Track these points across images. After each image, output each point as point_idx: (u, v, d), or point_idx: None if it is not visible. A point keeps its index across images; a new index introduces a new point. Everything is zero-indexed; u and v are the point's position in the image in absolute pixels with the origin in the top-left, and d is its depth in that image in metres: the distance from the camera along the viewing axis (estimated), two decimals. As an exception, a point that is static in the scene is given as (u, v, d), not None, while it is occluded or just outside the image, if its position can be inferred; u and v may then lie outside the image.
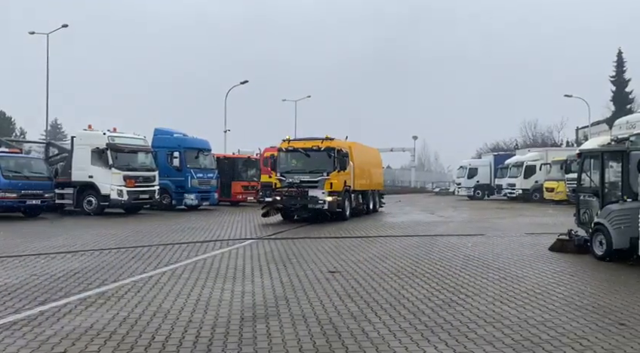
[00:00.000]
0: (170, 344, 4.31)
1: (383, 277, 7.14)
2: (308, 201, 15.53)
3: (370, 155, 21.17)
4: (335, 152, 16.04)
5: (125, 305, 5.59)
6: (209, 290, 6.35)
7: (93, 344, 4.27)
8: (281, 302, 5.77)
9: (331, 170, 15.82)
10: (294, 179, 15.90)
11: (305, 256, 9.24)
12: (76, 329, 4.68)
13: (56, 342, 4.30)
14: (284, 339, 4.47)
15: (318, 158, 16.01)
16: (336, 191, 15.82)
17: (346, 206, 16.57)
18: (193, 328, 4.76)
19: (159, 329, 4.72)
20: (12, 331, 4.60)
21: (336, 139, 16.80)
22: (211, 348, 4.22)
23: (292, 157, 16.75)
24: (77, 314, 5.20)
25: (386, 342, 4.41)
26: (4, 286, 6.43)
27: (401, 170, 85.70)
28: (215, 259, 8.86)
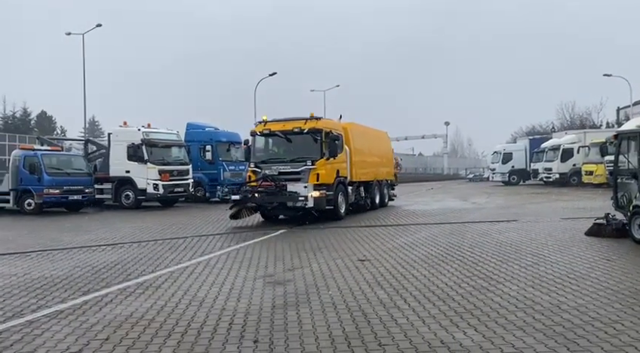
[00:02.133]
0: (205, 331, 4.49)
1: (412, 265, 7.15)
2: (286, 197, 12.35)
3: (374, 139, 17.78)
4: (322, 135, 12.77)
5: (163, 294, 5.82)
6: (242, 279, 6.53)
7: (133, 331, 4.49)
8: (312, 290, 5.88)
9: (318, 157, 12.61)
10: (272, 170, 12.76)
11: (335, 244, 9.34)
12: (117, 317, 4.92)
13: (99, 330, 4.54)
14: (315, 326, 4.57)
15: (301, 143, 12.92)
16: (325, 184, 12.62)
17: (339, 202, 13.34)
18: (227, 315, 4.93)
19: (195, 316, 4.92)
20: (59, 319, 4.88)
21: (325, 119, 13.76)
22: (244, 335, 4.37)
23: (269, 142, 13.61)
24: (117, 303, 5.46)
25: (414, 328, 4.46)
26: (51, 277, 6.79)
27: (433, 157, 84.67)
28: (248, 249, 9.06)
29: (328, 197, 12.61)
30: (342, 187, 13.62)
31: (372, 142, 17.27)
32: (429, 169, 75.17)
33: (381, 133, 19.26)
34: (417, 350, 3.92)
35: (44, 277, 6.77)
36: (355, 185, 14.75)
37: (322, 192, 12.44)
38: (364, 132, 16.82)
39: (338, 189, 13.31)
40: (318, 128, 12.85)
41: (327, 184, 12.71)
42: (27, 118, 54.17)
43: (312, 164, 12.51)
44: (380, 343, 4.09)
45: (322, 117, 13.59)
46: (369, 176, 16.04)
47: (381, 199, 17.05)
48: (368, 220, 13.46)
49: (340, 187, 13.52)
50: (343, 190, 13.66)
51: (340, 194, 13.38)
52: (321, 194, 12.39)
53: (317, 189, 12.39)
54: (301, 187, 12.33)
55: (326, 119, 13.81)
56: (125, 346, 4.11)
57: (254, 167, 13.12)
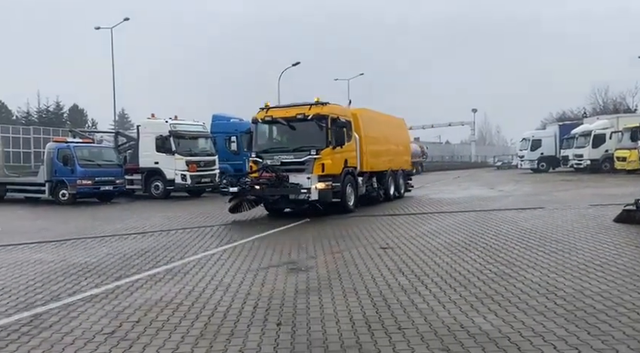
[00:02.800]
0: (230, 314, 4.66)
1: (434, 252, 7.19)
2: (288, 189, 11.52)
3: (389, 126, 16.62)
4: (328, 122, 11.81)
5: (190, 279, 6.04)
6: (266, 266, 6.70)
7: (162, 314, 4.70)
8: (333, 276, 6.00)
9: (323, 146, 11.68)
10: (274, 160, 11.90)
11: (357, 233, 9.43)
12: (147, 301, 5.15)
13: (131, 313, 4.77)
14: (336, 310, 4.68)
15: (305, 131, 12.00)
16: (331, 174, 11.70)
17: (348, 193, 12.42)
18: (251, 300, 5.09)
19: (221, 300, 5.10)
20: (93, 303, 5.14)
21: (332, 105, 12.57)
22: (267, 318, 4.52)
23: (271, 130, 12.77)
24: (148, 288, 5.70)
25: (434, 312, 4.52)
26: (85, 264, 7.11)
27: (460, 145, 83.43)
28: (271, 237, 9.25)
29: (335, 189, 11.69)
30: (350, 178, 12.67)
31: (386, 130, 16.07)
32: (456, 157, 74.14)
33: (397, 120, 18.07)
34: (437, 333, 3.99)
35: (79, 264, 7.09)
36: (366, 176, 13.79)
37: (328, 184, 11.50)
38: (377, 118, 15.79)
39: (346, 180, 12.39)
40: (323, 114, 11.81)
41: (333, 175, 11.78)
42: (60, 111, 55.93)
43: (316, 153, 11.57)
44: (399, 327, 4.17)
45: (329, 102, 12.41)
46: (382, 165, 15.08)
47: (396, 190, 16.07)
48: (390, 209, 13.48)
49: (349, 178, 12.57)
50: (351, 181, 12.72)
51: (348, 186, 12.45)
52: (326, 185, 11.44)
53: (322, 180, 11.41)
54: (304, 178, 11.34)
55: (333, 104, 12.60)
56: (155, 328, 4.31)
57: (255, 157, 12.26)
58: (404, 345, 3.78)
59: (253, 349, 3.78)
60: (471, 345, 3.71)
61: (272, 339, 3.99)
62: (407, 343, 3.81)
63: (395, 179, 15.99)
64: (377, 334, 4.02)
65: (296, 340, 3.95)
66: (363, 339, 3.93)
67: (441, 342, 3.79)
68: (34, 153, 35.64)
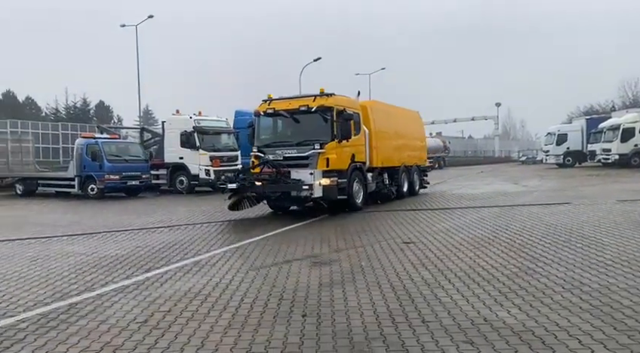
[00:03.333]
0: (257, 305, 4.78)
1: (457, 247, 7.19)
2: (289, 186, 10.80)
3: (402, 119, 15.92)
4: (333, 114, 11.17)
5: (217, 272, 6.20)
6: (290, 259, 6.82)
7: (192, 304, 4.86)
8: (357, 270, 6.08)
9: (327, 139, 11.11)
10: (276, 155, 11.38)
11: (379, 228, 9.48)
12: (177, 292, 5.32)
13: (162, 303, 4.94)
14: (360, 303, 4.76)
15: (309, 124, 11.40)
16: (337, 170, 11.13)
17: (355, 190, 11.76)
18: (277, 291, 5.21)
19: (247, 292, 5.23)
20: (125, 294, 5.33)
21: (339, 96, 11.80)
22: (293, 309, 4.63)
23: (274, 124, 12.19)
24: (177, 279, 5.88)
25: (458, 306, 4.56)
26: (116, 256, 7.35)
27: (483, 140, 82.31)
28: (294, 231, 9.37)
29: (340, 185, 11.06)
30: (358, 174, 12.00)
31: (399, 123, 15.38)
32: (479, 152, 73.18)
33: (411, 113, 17.32)
34: (460, 326, 4.03)
35: (110, 256, 7.33)
36: (376, 172, 13.15)
37: (333, 180, 10.86)
38: (390, 111, 15.06)
39: (353, 176, 11.74)
40: (328, 106, 11.16)
41: (339, 170, 11.16)
42: (87, 107, 57.15)
43: (320, 147, 10.95)
44: (423, 320, 4.23)
45: (334, 93, 11.66)
46: (395, 160, 14.46)
47: (410, 187, 15.41)
48: (411, 205, 13.46)
49: (356, 174, 11.90)
50: (359, 177, 12.04)
51: (355, 182, 11.81)
52: (331, 181, 10.80)
53: (327, 176, 10.78)
54: (306, 174, 10.62)
55: (339, 96, 11.87)
56: (185, 318, 4.47)
57: (257, 152, 11.69)
58: (427, 337, 3.84)
59: (280, 339, 3.89)
60: (494, 338, 3.75)
61: (298, 329, 4.10)
62: (430, 335, 3.86)
63: (408, 176, 15.36)
64: (401, 327, 4.09)
65: (322, 331, 4.05)
66: (387, 331, 4.01)
67: (465, 335, 3.84)
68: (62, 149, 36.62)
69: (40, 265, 6.81)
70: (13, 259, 7.23)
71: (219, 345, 3.82)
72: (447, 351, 3.57)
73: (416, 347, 3.66)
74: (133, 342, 3.91)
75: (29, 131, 32.41)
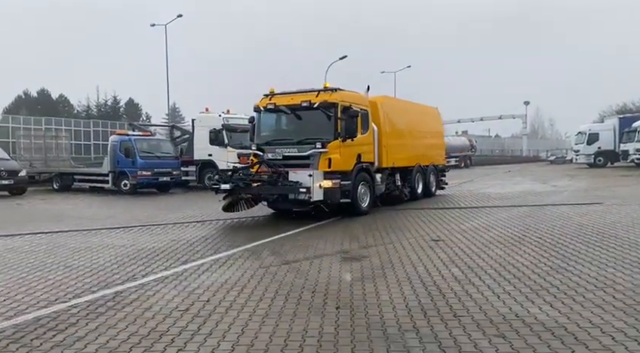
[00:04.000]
0: (291, 297, 4.95)
1: (487, 246, 7.23)
2: (285, 188, 10.00)
3: (418, 116, 14.90)
4: (337, 110, 10.36)
5: (251, 265, 6.40)
6: (321, 253, 6.98)
7: (229, 295, 5.06)
8: (387, 266, 6.19)
9: (330, 138, 10.32)
10: (275, 153, 10.64)
11: (408, 225, 9.55)
12: (214, 283, 5.54)
13: (201, 293, 5.17)
14: (392, 297, 4.89)
15: (311, 121, 10.64)
16: (340, 171, 10.30)
17: (360, 193, 10.92)
18: (310, 284, 5.38)
19: (281, 284, 5.42)
20: (165, 284, 5.58)
21: (344, 91, 10.99)
22: (326, 301, 4.79)
23: (275, 120, 11.33)
24: (213, 271, 6.11)
25: (489, 302, 4.64)
26: (153, 248, 7.64)
27: (511, 139, 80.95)
28: (323, 227, 9.52)
29: (344, 187, 10.25)
30: (365, 175, 11.13)
31: (414, 120, 14.41)
32: (507, 151, 72.02)
33: (429, 110, 16.27)
34: (492, 321, 4.12)
35: (148, 249, 7.63)
36: (386, 172, 12.33)
37: (335, 182, 10.01)
38: (403, 108, 14.12)
39: (359, 178, 10.87)
40: (331, 102, 10.36)
41: (342, 171, 10.33)
42: (117, 105, 58.60)
43: (322, 146, 10.14)
44: (455, 314, 4.33)
45: (340, 88, 10.86)
46: (408, 160, 13.58)
47: (425, 188, 14.53)
48: (440, 203, 13.46)
49: (362, 175, 11.04)
50: (365, 179, 11.17)
51: (361, 185, 10.95)
52: (333, 184, 9.95)
53: (328, 178, 9.95)
54: (305, 175, 9.74)
55: (345, 91, 11.03)
56: (224, 307, 4.67)
57: (256, 150, 10.94)
58: (460, 330, 3.94)
59: (316, 329, 4.05)
60: (527, 333, 3.82)
61: (333, 321, 4.25)
62: (463, 329, 3.96)
63: (424, 176, 14.46)
64: (433, 320, 4.20)
65: (356, 323, 4.19)
66: (420, 324, 4.12)
67: (497, 330, 3.92)
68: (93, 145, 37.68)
69: (83, 256, 7.15)
70: (58, 250, 7.60)
71: (258, 333, 4.00)
72: (480, 344, 3.66)
73: (448, 339, 3.77)
74: (177, 328, 4.13)
75: (63, 128, 33.43)
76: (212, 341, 3.84)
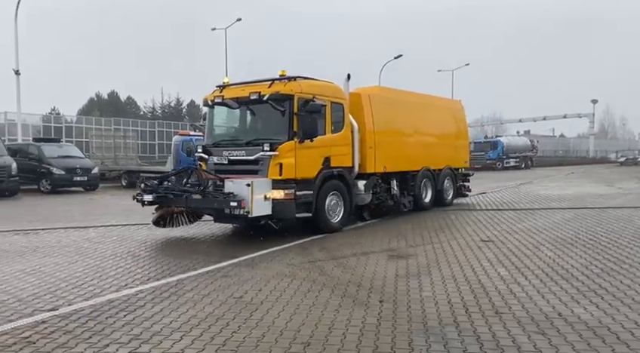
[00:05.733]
0: (337, 289, 5.21)
1: (537, 247, 7.15)
2: (215, 201, 7.89)
3: (427, 111, 12.45)
4: (293, 104, 8.33)
5: (301, 260, 6.72)
6: (367, 251, 7.19)
7: (279, 286, 5.39)
8: (433, 264, 6.31)
9: (283, 138, 8.32)
10: (222, 157, 8.76)
11: (457, 225, 9.55)
12: (264, 275, 5.89)
13: (253, 283, 5.52)
14: (435, 293, 5.03)
15: (263, 117, 8.90)
16: (296, 179, 8.30)
17: (329, 206, 8.86)
18: (355, 279, 5.61)
19: (328, 277, 5.69)
20: (222, 274, 5.99)
21: (306, 80, 8.87)
22: (370, 295, 5.00)
23: (225, 116, 9.59)
24: (264, 266, 6.48)
25: (532, 301, 4.68)
26: (210, 242, 8.14)
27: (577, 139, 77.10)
28: (370, 226, 9.70)
29: (302, 199, 8.30)
30: (336, 183, 9.05)
31: (423, 116, 12.17)
32: (572, 152, 68.58)
33: (447, 103, 14.00)
34: (533, 319, 4.18)
35: (207, 242, 8.15)
36: (373, 179, 10.19)
37: (288, 193, 8.07)
38: (406, 102, 11.73)
39: (327, 187, 8.82)
40: (284, 93, 8.34)
41: (300, 179, 8.35)
42: (180, 106, 61.41)
43: (270, 148, 8.17)
44: (496, 311, 4.42)
45: (300, 76, 8.85)
46: (409, 163, 11.41)
47: (438, 195, 12.34)
48: (494, 204, 13.23)
49: (333, 183, 8.96)
50: (338, 187, 9.08)
51: (330, 195, 8.89)
52: (285, 195, 8.04)
53: (279, 187, 8.03)
54: (242, 185, 7.64)
55: (307, 80, 8.93)
56: (275, 296, 4.99)
57: (202, 153, 9.06)
58: (500, 326, 4.04)
59: (359, 319, 4.29)
60: (568, 332, 3.87)
61: (376, 312, 4.47)
62: (503, 325, 4.06)
63: (434, 182, 12.22)
64: (474, 316, 4.32)
65: (398, 315, 4.38)
66: (460, 319, 4.25)
67: (537, 326, 3.99)
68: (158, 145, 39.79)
69: (149, 247, 7.77)
70: (127, 242, 8.28)
71: (305, 320, 4.29)
72: (518, 339, 3.76)
73: (487, 334, 3.89)
74: (232, 313, 4.50)
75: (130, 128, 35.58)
76: (262, 327, 4.16)
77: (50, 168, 18.71)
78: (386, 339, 3.84)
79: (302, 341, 3.82)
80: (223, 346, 3.74)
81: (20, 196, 17.08)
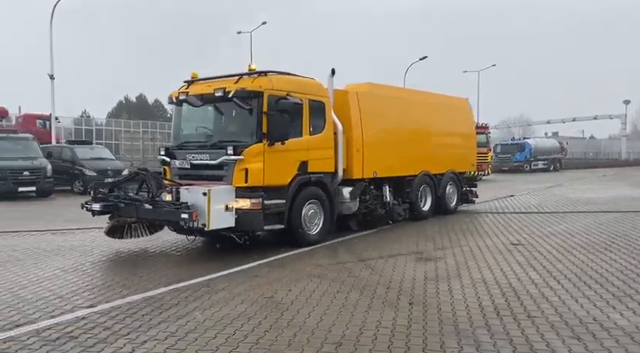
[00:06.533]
0: (366, 291, 5.24)
1: (570, 251, 7.03)
2: (165, 212, 7.01)
3: (429, 110, 11.29)
4: (262, 102, 7.34)
5: (329, 260, 6.77)
6: (395, 253, 7.19)
7: (308, 286, 5.45)
8: (462, 267, 6.27)
9: (249, 140, 7.34)
10: (184, 161, 7.85)
11: (486, 228, 9.45)
12: (293, 277, 5.96)
13: (283, 283, 5.60)
14: (465, 296, 5.00)
15: (230, 117, 8.07)
16: (264, 187, 7.28)
17: (306, 217, 7.81)
18: (384, 281, 5.63)
19: (356, 279, 5.72)
20: (252, 274, 6.09)
21: (278, 76, 7.89)
22: (400, 297, 5.01)
23: (192, 115, 8.47)
24: (295, 263, 6.55)
25: (566, 305, 4.61)
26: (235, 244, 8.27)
27: (608, 141, 75.00)
28: (397, 228, 9.66)
29: (273, 209, 7.33)
30: (315, 190, 8.02)
31: (423, 116, 11.05)
32: (603, 154, 66.75)
33: (452, 102, 12.57)
34: (567, 323, 4.12)
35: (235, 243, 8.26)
36: (360, 185, 9.03)
37: (255, 202, 7.09)
38: (403, 100, 10.62)
39: (304, 195, 7.79)
40: (252, 90, 7.39)
41: (268, 188, 7.33)
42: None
43: (234, 152, 7.18)
44: (528, 315, 4.38)
45: (272, 71, 7.88)
46: (404, 168, 10.27)
47: (438, 202, 11.23)
48: (523, 207, 13.02)
49: (311, 191, 7.94)
50: (317, 195, 8.05)
51: (308, 204, 7.87)
52: (252, 204, 7.06)
53: (244, 196, 7.06)
54: (198, 194, 6.67)
55: (280, 76, 7.95)
56: (304, 297, 5.05)
57: (165, 156, 8.12)
58: (533, 330, 4.00)
59: (389, 321, 4.31)
60: (604, 337, 3.81)
61: (406, 315, 4.48)
62: (536, 329, 4.02)
63: (433, 188, 11.10)
64: (506, 320, 4.28)
65: (428, 318, 4.38)
66: (492, 322, 4.23)
67: (572, 331, 3.94)
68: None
69: (180, 247, 7.93)
70: (157, 242, 8.44)
71: (335, 321, 4.33)
72: (552, 343, 3.72)
73: (520, 337, 3.86)
74: (264, 312, 4.58)
75: (157, 131, 36.28)
76: (293, 326, 4.22)
77: (83, 170, 19.25)
78: (417, 341, 3.85)
79: (333, 341, 3.86)
80: (256, 345, 3.82)
81: (55, 196, 17.62)
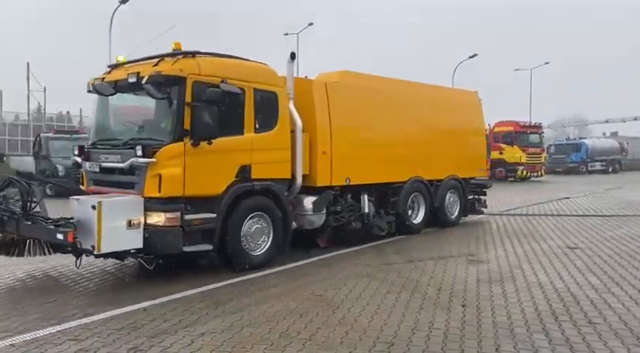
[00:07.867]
0: (417, 292, 5.20)
1: (632, 256, 6.69)
2: (41, 229, 5.70)
3: (426, 104, 9.44)
4: (184, 91, 5.75)
5: (376, 262, 6.76)
6: (446, 255, 7.08)
7: (358, 285, 5.46)
8: (516, 271, 6.09)
9: (167, 138, 5.78)
10: (94, 163, 6.43)
11: (540, 231, 9.14)
12: (344, 273, 6.00)
13: (334, 282, 5.64)
14: (520, 300, 4.87)
15: (147, 108, 6.55)
16: (185, 197, 5.73)
17: (246, 235, 6.23)
18: (435, 282, 5.56)
19: (407, 280, 5.67)
20: (304, 271, 6.16)
21: (208, 57, 6.24)
22: (452, 299, 4.94)
23: (107, 106, 6.85)
24: (345, 261, 6.58)
25: (630, 313, 4.40)
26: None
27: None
28: (448, 230, 9.49)
29: (196, 225, 5.82)
30: (261, 200, 6.49)
31: (412, 112, 9.11)
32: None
33: (457, 95, 10.90)
34: (632, 331, 3.94)
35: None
36: (328, 194, 7.42)
37: (172, 217, 5.63)
38: (386, 92, 8.69)
39: (244, 207, 6.23)
40: (170, 75, 5.80)
41: (192, 198, 5.80)
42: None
43: (143, 153, 5.65)
44: (589, 321, 4.22)
45: (199, 52, 6.20)
46: (389, 173, 8.48)
47: (435, 213, 9.43)
48: (580, 210, 12.46)
49: (255, 201, 6.40)
50: (264, 207, 6.51)
51: (249, 218, 6.31)
52: (168, 220, 5.61)
53: (159, 209, 5.62)
54: (86, 207, 5.31)
55: (218, 58, 6.42)
56: (355, 295, 5.06)
57: (79, 156, 6.70)
58: (594, 337, 3.85)
59: (442, 322, 4.26)
60: (673, 347, 3.61)
61: (459, 317, 4.41)
62: (598, 336, 3.87)
63: (428, 196, 9.24)
64: (565, 325, 4.14)
65: (482, 321, 4.30)
66: (550, 327, 4.10)
67: (638, 340, 3.76)
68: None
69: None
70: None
71: (386, 320, 4.33)
72: (617, 351, 3.57)
73: (581, 344, 3.72)
74: (315, 310, 4.62)
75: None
76: (345, 324, 4.25)
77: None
78: (472, 343, 3.79)
79: (386, 341, 3.87)
80: (309, 341, 3.88)
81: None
